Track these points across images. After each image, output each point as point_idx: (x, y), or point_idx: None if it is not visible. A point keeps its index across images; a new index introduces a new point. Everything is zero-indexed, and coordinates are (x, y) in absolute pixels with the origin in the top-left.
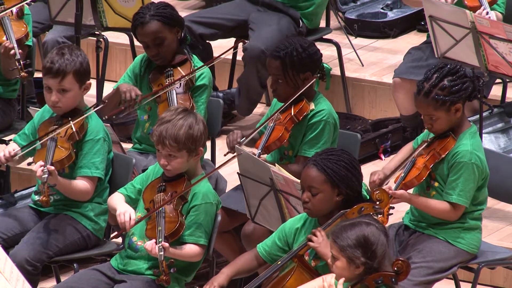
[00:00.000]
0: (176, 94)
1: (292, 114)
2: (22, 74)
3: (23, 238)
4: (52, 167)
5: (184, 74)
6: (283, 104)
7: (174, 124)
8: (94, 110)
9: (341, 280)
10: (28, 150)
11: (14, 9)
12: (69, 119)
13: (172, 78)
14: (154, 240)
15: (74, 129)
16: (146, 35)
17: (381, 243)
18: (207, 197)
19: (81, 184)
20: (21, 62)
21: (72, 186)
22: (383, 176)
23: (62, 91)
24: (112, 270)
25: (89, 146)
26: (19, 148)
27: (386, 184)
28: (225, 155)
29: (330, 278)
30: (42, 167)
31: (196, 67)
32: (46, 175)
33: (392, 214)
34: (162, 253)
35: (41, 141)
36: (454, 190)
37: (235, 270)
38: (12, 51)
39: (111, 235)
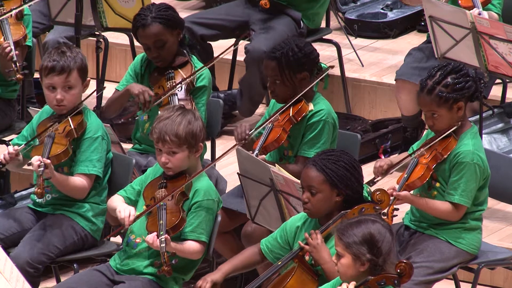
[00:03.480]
0: (178, 100)
1: (291, 115)
2: (18, 76)
3: (23, 239)
4: (48, 161)
5: (185, 77)
6: (282, 104)
7: (173, 120)
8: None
9: (352, 285)
10: (27, 149)
11: (13, 11)
12: (68, 117)
13: (173, 80)
14: (155, 233)
15: (72, 126)
16: (147, 37)
17: (387, 240)
18: (208, 194)
19: (77, 180)
20: (17, 64)
21: (68, 182)
22: (390, 162)
23: (67, 88)
24: (111, 271)
25: (87, 144)
26: (20, 147)
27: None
28: (234, 146)
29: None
30: (39, 162)
31: (196, 69)
32: (42, 168)
33: (397, 215)
34: (163, 245)
35: (40, 138)
36: (456, 190)
37: (232, 267)
38: (11, 53)
39: (111, 233)
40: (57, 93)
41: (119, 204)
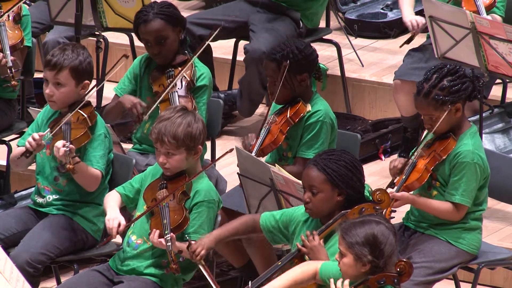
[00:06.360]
0: (178, 96)
1: (288, 116)
2: (13, 82)
3: (23, 239)
4: (72, 145)
5: (185, 75)
6: (281, 106)
7: (173, 122)
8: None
9: (347, 282)
10: (48, 136)
11: (10, 14)
12: (78, 109)
13: (173, 78)
14: (159, 230)
15: (85, 115)
16: (149, 33)
17: (390, 243)
18: (209, 195)
19: (95, 169)
20: (13, 70)
21: (88, 168)
22: (404, 161)
23: (57, 84)
24: (110, 271)
25: (89, 140)
26: (44, 132)
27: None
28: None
29: (339, 282)
30: (64, 146)
31: (196, 68)
32: (68, 149)
33: (394, 218)
34: (169, 243)
35: (54, 130)
36: (457, 190)
37: (226, 233)
38: (4, 60)
39: (99, 244)
40: (48, 87)
41: (109, 210)
